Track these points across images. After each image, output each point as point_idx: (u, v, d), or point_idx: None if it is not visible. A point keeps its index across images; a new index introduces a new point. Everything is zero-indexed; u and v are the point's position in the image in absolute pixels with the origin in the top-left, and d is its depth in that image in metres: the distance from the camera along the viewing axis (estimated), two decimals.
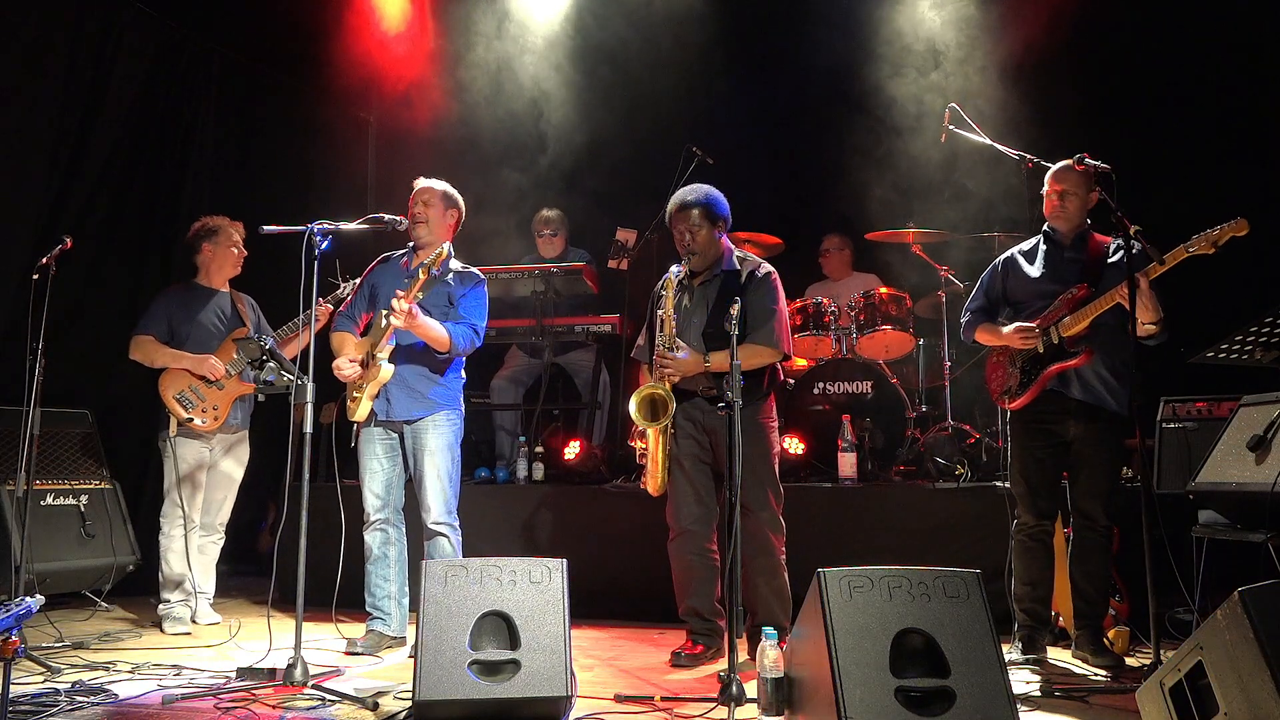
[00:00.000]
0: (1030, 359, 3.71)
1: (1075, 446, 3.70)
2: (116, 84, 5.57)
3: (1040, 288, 3.77)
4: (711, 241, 3.87)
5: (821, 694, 2.59)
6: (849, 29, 6.22)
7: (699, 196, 3.85)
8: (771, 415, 3.92)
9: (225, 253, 4.70)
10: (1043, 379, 3.66)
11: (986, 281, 3.96)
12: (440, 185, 4.15)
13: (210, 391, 4.52)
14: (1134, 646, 3.81)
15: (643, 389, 3.71)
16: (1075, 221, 3.75)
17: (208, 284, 4.73)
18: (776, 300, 3.86)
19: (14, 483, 4.46)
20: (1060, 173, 3.75)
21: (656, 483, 3.82)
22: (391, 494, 4.09)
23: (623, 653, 4.02)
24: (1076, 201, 3.72)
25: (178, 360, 4.48)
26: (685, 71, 6.30)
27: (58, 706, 3.03)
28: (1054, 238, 3.81)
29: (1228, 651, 2.27)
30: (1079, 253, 3.76)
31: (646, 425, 3.73)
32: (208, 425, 4.51)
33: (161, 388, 4.50)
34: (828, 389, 5.36)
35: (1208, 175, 5.33)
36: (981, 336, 3.91)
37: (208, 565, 4.68)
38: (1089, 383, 3.65)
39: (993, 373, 3.92)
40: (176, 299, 4.67)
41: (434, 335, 3.92)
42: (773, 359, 3.85)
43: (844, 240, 6.25)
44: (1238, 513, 3.58)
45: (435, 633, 2.88)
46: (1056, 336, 3.64)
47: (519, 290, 5.69)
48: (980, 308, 3.95)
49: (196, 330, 4.58)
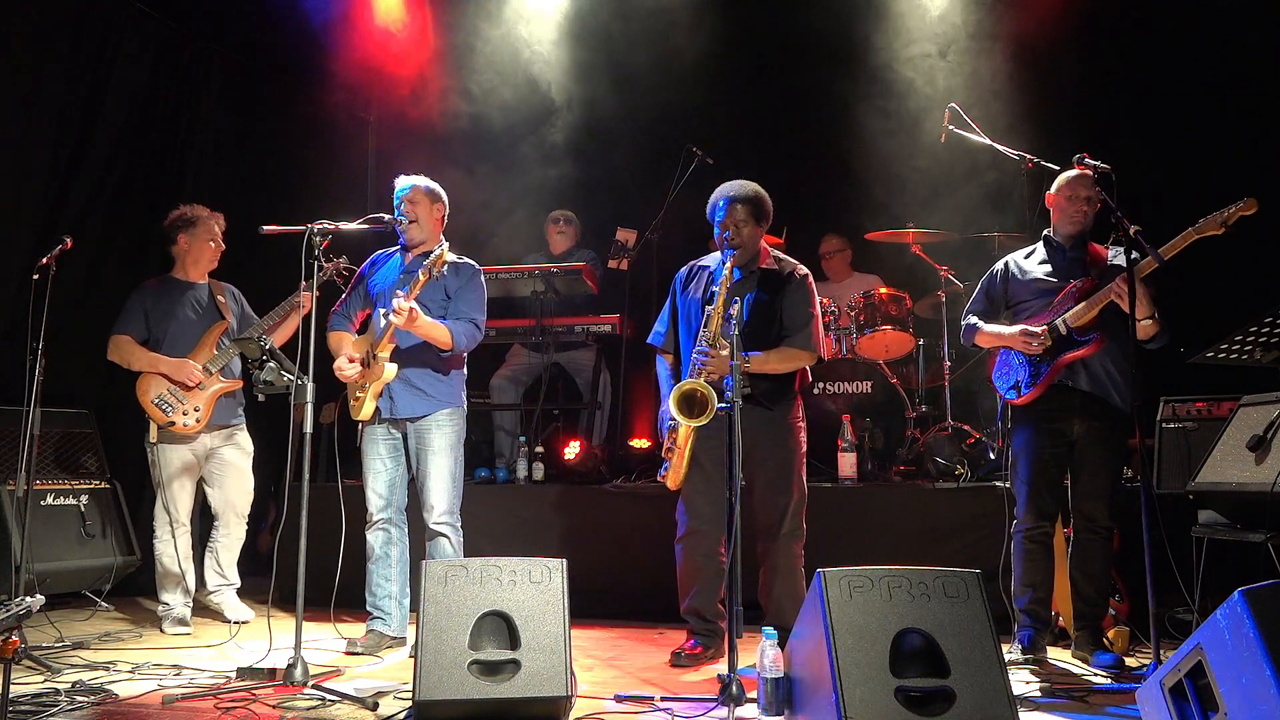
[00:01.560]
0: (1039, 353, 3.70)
1: (1079, 446, 3.70)
2: (117, 84, 5.57)
3: (1042, 285, 3.77)
4: (755, 239, 3.87)
5: (821, 694, 2.60)
6: (850, 29, 6.22)
7: (749, 193, 3.84)
8: (800, 416, 3.92)
9: (202, 246, 4.59)
10: (1054, 370, 3.64)
11: (987, 285, 3.96)
12: (423, 181, 4.14)
13: (190, 392, 4.41)
14: (1134, 646, 3.81)
15: (683, 385, 3.60)
16: (1084, 226, 3.76)
17: (184, 277, 4.61)
18: (813, 304, 3.88)
19: (14, 483, 4.45)
20: (1081, 181, 3.71)
21: (678, 477, 3.78)
22: (395, 494, 4.08)
23: (623, 653, 4.02)
24: (1093, 209, 3.73)
25: (154, 364, 4.39)
26: (685, 71, 6.30)
27: (58, 706, 3.02)
28: (1055, 243, 3.81)
29: (1228, 651, 2.27)
30: (1080, 254, 3.77)
31: (686, 422, 3.59)
32: (191, 428, 4.41)
33: (139, 393, 4.41)
34: (828, 389, 5.36)
35: (1208, 175, 5.32)
36: (983, 339, 3.90)
37: (232, 558, 4.66)
38: (1096, 375, 3.65)
39: (998, 370, 3.91)
40: (151, 295, 4.55)
41: (435, 334, 3.92)
42: (809, 362, 3.88)
43: (844, 241, 6.25)
44: (1238, 513, 3.58)
45: (435, 633, 2.88)
46: (1065, 328, 3.63)
47: (519, 290, 5.69)
48: (982, 311, 3.95)
49: (174, 326, 4.48)
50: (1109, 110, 5.61)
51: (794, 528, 3.81)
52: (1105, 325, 3.59)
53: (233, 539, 4.67)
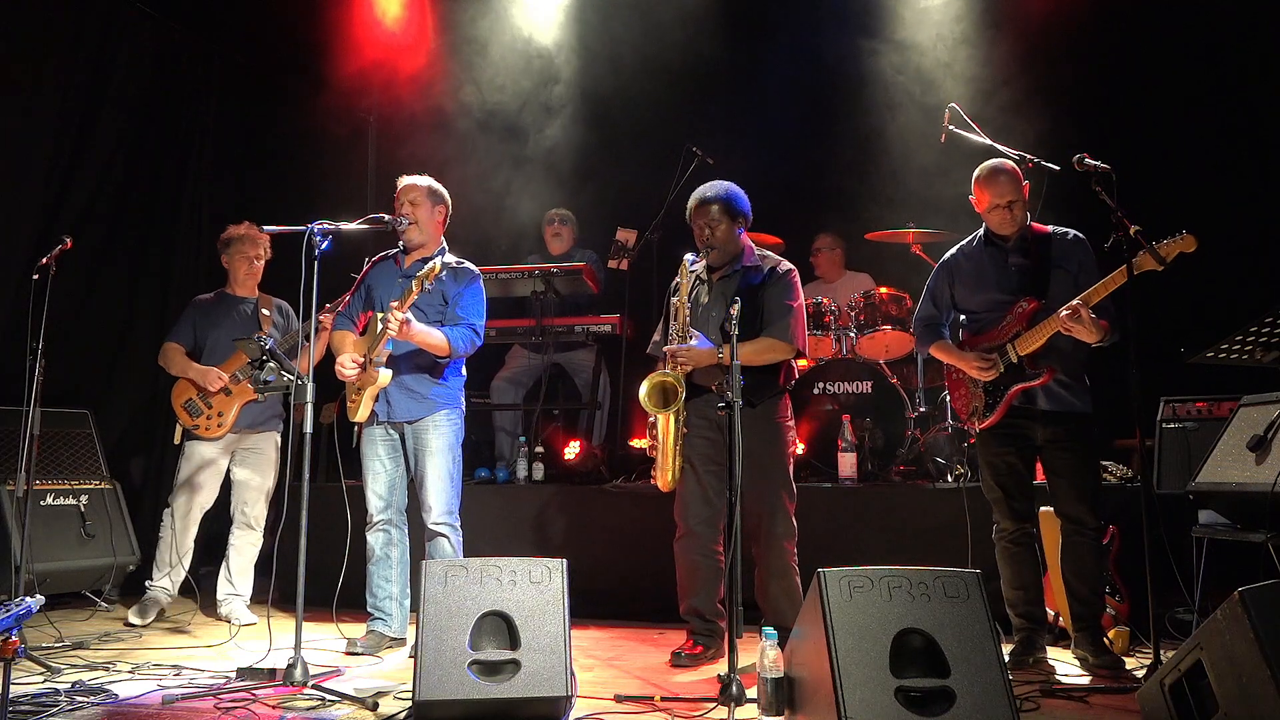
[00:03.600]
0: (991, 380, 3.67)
1: (1048, 452, 3.66)
2: (117, 84, 5.57)
3: (991, 298, 3.72)
4: (731, 237, 3.87)
5: (821, 694, 2.60)
6: (849, 28, 6.22)
7: (719, 192, 3.86)
8: (787, 414, 3.91)
9: (239, 262, 4.81)
10: (1009, 398, 3.61)
11: (933, 287, 3.91)
12: (425, 181, 4.12)
13: (217, 399, 4.62)
14: (1134, 646, 3.81)
15: (653, 376, 3.67)
16: (1022, 223, 3.72)
17: (233, 291, 4.86)
18: (794, 297, 3.87)
19: (14, 483, 4.47)
20: (1005, 184, 3.65)
21: (667, 477, 3.78)
22: (394, 495, 4.08)
23: (623, 653, 4.02)
24: (1022, 207, 3.68)
25: (184, 371, 4.65)
26: (685, 71, 6.30)
27: (58, 706, 3.02)
28: (996, 241, 3.76)
29: (1228, 651, 2.27)
30: (1023, 256, 3.70)
31: (657, 412, 3.67)
32: (211, 432, 4.61)
33: (173, 396, 4.68)
34: (828, 389, 5.36)
35: (1208, 175, 5.33)
36: (937, 353, 3.85)
37: (245, 566, 4.70)
38: (1053, 392, 3.61)
39: (955, 392, 3.87)
40: (202, 308, 4.84)
41: (431, 343, 3.91)
42: (786, 355, 3.85)
43: (835, 240, 6.24)
44: (1238, 513, 3.58)
45: (435, 633, 2.88)
46: (1015, 355, 3.59)
47: (519, 290, 5.69)
48: (929, 317, 3.91)
49: (215, 337, 4.71)
50: (1109, 110, 5.61)
51: (785, 527, 3.81)
52: (1053, 349, 3.56)
53: (248, 545, 4.70)
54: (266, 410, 4.74)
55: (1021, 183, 3.69)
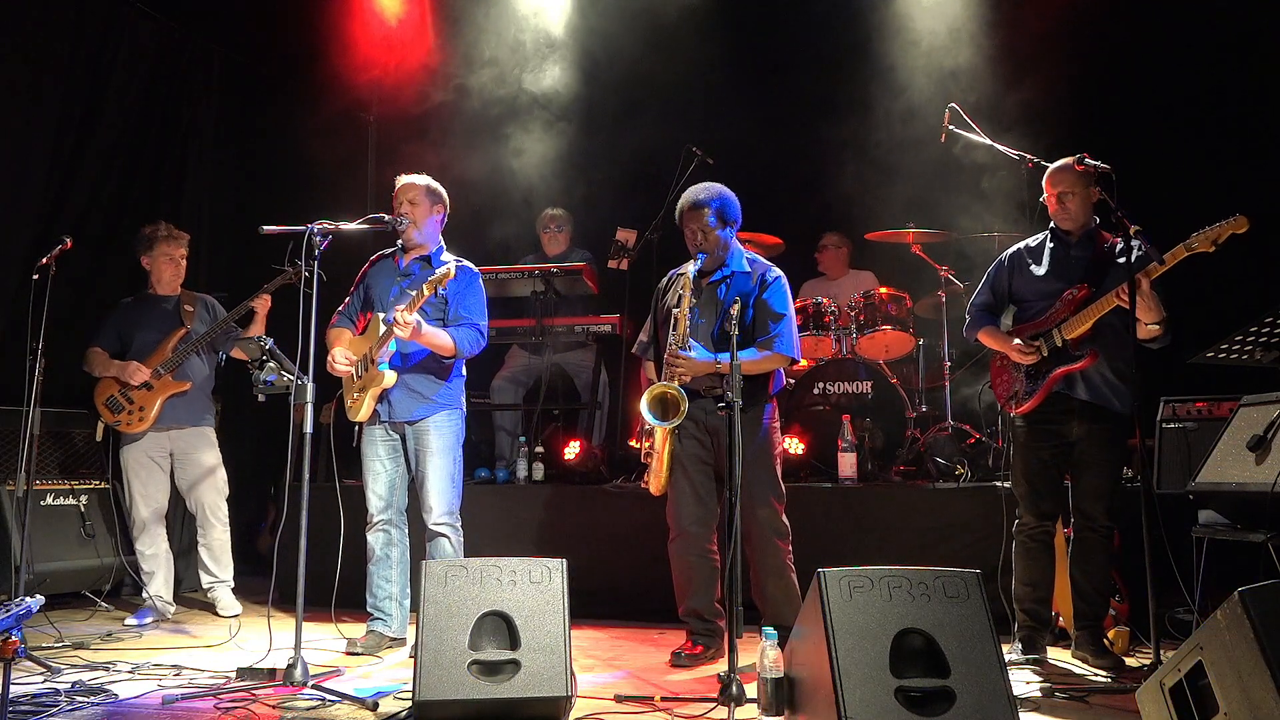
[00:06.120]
0: (1035, 363, 3.71)
1: (1079, 447, 3.69)
2: (117, 84, 5.57)
3: (1045, 287, 3.75)
4: (722, 242, 3.87)
5: (821, 694, 2.59)
6: (849, 28, 6.22)
7: (711, 195, 3.84)
8: (774, 417, 3.92)
9: (164, 263, 4.84)
10: (1049, 382, 3.64)
11: (993, 277, 3.94)
12: (423, 180, 4.11)
13: (139, 394, 4.63)
14: (1134, 646, 3.81)
15: (654, 388, 3.67)
16: (1081, 220, 3.73)
17: (155, 291, 4.87)
18: (787, 305, 3.86)
19: (14, 483, 4.48)
20: (1056, 174, 3.72)
21: (660, 482, 3.80)
22: (395, 495, 4.08)
23: (623, 653, 4.02)
24: (1077, 200, 3.69)
25: (106, 369, 4.67)
26: (685, 71, 6.30)
27: (58, 706, 3.02)
28: (1061, 236, 3.80)
29: (1228, 651, 2.27)
30: (1085, 251, 3.73)
31: (658, 424, 3.68)
32: (134, 426, 4.64)
33: (95, 396, 4.70)
34: (828, 389, 5.36)
35: (1207, 174, 5.32)
36: (984, 338, 3.89)
37: (218, 554, 4.80)
38: (1094, 384, 3.64)
39: (997, 377, 3.90)
40: (124, 311, 4.85)
41: (439, 343, 3.92)
42: (782, 364, 3.85)
43: (842, 238, 6.26)
44: (1238, 513, 3.58)
45: (435, 633, 2.88)
46: (1060, 339, 3.62)
47: (519, 290, 5.69)
48: (985, 304, 3.93)
49: (140, 336, 4.73)
50: (1109, 110, 5.61)
51: (777, 527, 3.81)
52: (1100, 336, 3.59)
53: (213, 538, 4.80)
54: (194, 404, 4.75)
55: (1080, 180, 3.66)
